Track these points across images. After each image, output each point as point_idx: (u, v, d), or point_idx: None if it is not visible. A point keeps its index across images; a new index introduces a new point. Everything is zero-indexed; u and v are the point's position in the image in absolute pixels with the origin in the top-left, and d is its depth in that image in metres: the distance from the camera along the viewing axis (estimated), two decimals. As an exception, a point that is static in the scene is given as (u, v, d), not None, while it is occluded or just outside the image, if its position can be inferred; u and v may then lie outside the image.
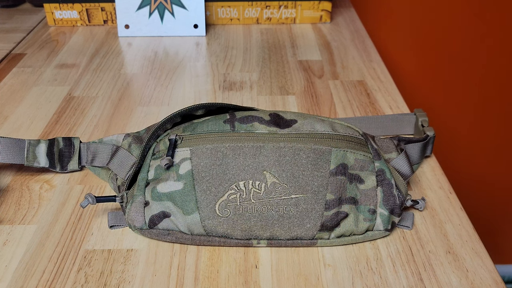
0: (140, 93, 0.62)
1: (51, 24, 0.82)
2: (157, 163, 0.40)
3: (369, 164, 0.40)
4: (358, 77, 0.66)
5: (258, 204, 0.38)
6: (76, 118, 0.57)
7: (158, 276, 0.37)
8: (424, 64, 1.04)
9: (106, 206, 0.44)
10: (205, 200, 0.38)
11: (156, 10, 0.77)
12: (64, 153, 0.47)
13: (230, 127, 0.40)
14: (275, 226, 0.38)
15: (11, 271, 0.38)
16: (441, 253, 0.39)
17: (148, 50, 0.74)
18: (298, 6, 0.81)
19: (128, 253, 0.39)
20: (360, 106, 0.59)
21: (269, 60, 0.71)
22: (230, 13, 0.82)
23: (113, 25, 0.82)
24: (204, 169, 0.39)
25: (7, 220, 0.42)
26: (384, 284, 0.37)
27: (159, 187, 0.39)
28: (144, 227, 0.39)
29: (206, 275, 0.37)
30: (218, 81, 0.65)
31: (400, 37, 1.01)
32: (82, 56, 0.72)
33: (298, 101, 0.60)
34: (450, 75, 1.05)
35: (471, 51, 1.02)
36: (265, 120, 0.41)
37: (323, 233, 0.39)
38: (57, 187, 0.46)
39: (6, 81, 0.65)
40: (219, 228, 0.38)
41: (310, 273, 0.38)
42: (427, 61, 1.04)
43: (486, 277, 0.37)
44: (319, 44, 0.76)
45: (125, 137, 0.46)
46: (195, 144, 0.40)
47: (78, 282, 0.37)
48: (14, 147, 0.45)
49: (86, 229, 0.41)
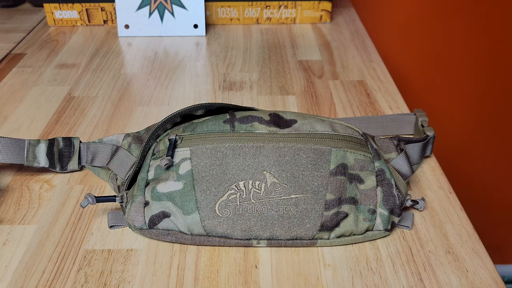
0: (140, 93, 0.62)
1: (51, 24, 0.82)
2: (157, 163, 0.40)
3: (369, 164, 0.40)
4: (358, 77, 0.66)
5: (258, 204, 0.38)
6: (76, 118, 0.57)
7: (158, 276, 0.37)
8: (424, 64, 1.04)
9: (106, 206, 0.44)
10: (205, 200, 0.38)
11: (156, 10, 0.77)
12: (64, 153, 0.47)
13: (230, 127, 0.40)
14: (275, 226, 0.38)
15: (11, 271, 0.38)
16: (441, 253, 0.39)
17: (148, 50, 0.74)
18: (298, 6, 0.81)
19: (128, 253, 0.39)
20: (360, 106, 0.59)
21: (269, 60, 0.71)
22: (230, 13, 0.82)
23: (113, 25, 0.82)
24: (204, 169, 0.39)
25: (7, 220, 0.42)
26: (384, 284, 0.37)
27: (159, 187, 0.39)
28: (144, 227, 0.39)
29: (206, 275, 0.37)
30: (218, 81, 0.65)
31: (400, 37, 1.01)
32: (82, 56, 0.72)
33: (298, 101, 0.60)
34: (450, 75, 1.05)
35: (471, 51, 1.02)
36: (265, 120, 0.41)
37: (323, 233, 0.39)
38: (57, 187, 0.46)
39: (6, 81, 0.65)
40: (219, 228, 0.38)
41: (310, 273, 0.38)
42: (427, 61, 1.04)
43: (486, 277, 0.37)
44: (319, 44, 0.76)
45: (125, 137, 0.46)
46: (195, 144, 0.40)
47: (78, 282, 0.37)
48: (14, 147, 0.45)
49: (86, 229, 0.41)
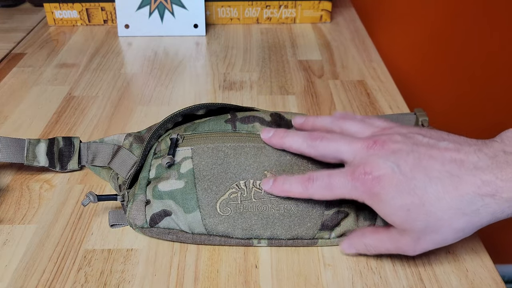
0: (140, 93, 0.62)
1: (51, 24, 0.82)
2: (158, 162, 0.40)
3: (369, 164, 0.40)
4: (358, 77, 0.66)
5: (258, 202, 0.38)
6: (76, 118, 0.57)
7: (158, 276, 0.37)
8: (424, 64, 1.04)
9: (106, 206, 0.44)
10: (206, 199, 0.38)
11: (156, 10, 0.77)
12: (64, 153, 0.47)
13: (232, 127, 0.40)
14: (276, 225, 0.38)
15: (11, 271, 0.38)
16: (441, 253, 0.39)
17: (148, 50, 0.74)
18: (298, 6, 0.82)
19: (128, 252, 0.39)
20: (360, 106, 0.59)
21: (269, 60, 0.71)
22: (230, 13, 0.82)
23: (113, 25, 0.82)
24: (205, 168, 0.39)
25: (7, 220, 0.42)
26: (384, 284, 0.37)
27: (160, 186, 0.39)
28: (145, 225, 0.39)
29: (206, 275, 0.37)
30: (218, 81, 0.65)
31: (400, 37, 1.01)
32: (82, 55, 0.72)
33: (298, 101, 0.60)
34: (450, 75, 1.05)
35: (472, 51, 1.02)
36: (266, 121, 0.41)
37: (324, 232, 0.39)
38: (57, 186, 0.46)
39: (6, 81, 0.65)
40: (220, 226, 0.38)
41: (310, 273, 0.38)
42: (427, 61, 1.04)
43: (486, 277, 0.37)
44: (319, 44, 0.76)
45: (126, 136, 0.46)
46: (197, 143, 0.40)
47: (78, 282, 0.37)
48: (14, 146, 0.45)
49: (86, 229, 0.41)
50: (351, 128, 0.39)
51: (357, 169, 0.34)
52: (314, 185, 0.36)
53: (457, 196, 0.32)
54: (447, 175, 0.33)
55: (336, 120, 0.40)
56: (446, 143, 0.34)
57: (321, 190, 0.36)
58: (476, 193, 0.32)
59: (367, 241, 0.37)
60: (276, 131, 0.39)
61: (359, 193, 0.35)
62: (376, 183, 0.33)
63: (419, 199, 0.33)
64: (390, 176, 0.33)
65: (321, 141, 0.37)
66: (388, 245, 0.36)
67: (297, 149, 0.38)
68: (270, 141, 0.39)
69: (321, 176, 0.36)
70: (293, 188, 0.37)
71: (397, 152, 0.34)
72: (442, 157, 0.33)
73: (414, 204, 0.33)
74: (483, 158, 0.33)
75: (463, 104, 1.08)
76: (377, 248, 0.37)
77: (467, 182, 0.32)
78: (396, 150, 0.34)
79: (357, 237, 0.38)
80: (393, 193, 0.33)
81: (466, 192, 0.32)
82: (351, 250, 0.38)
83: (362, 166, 0.34)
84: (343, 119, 0.40)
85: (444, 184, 0.32)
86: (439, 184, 0.32)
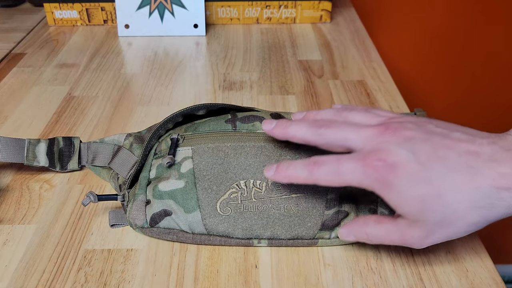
0: (140, 93, 0.62)
1: (51, 24, 0.82)
2: (158, 162, 0.40)
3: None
4: (358, 77, 0.66)
5: (259, 202, 0.38)
6: (76, 118, 0.57)
7: (158, 276, 0.37)
8: (424, 64, 1.04)
9: (106, 206, 0.44)
10: (206, 199, 0.38)
11: (156, 10, 0.77)
12: (64, 153, 0.47)
13: (232, 127, 0.40)
14: (276, 224, 0.38)
15: (11, 271, 0.38)
16: (441, 253, 0.39)
17: (148, 50, 0.74)
18: (298, 6, 0.82)
19: (128, 252, 0.39)
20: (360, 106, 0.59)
21: (269, 60, 0.71)
22: (230, 13, 0.82)
23: (113, 25, 0.82)
24: (206, 168, 0.39)
25: (7, 220, 0.42)
26: (384, 284, 0.37)
27: (161, 186, 0.39)
28: (145, 225, 0.39)
29: (206, 275, 0.37)
30: (218, 81, 0.65)
31: (400, 37, 1.01)
32: (82, 55, 0.72)
33: (298, 101, 0.60)
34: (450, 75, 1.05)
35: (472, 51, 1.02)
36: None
37: (324, 232, 0.39)
38: (57, 186, 0.46)
39: (6, 81, 0.65)
40: (220, 226, 0.38)
41: (310, 273, 0.38)
42: (427, 61, 1.04)
43: (486, 277, 0.37)
44: (319, 44, 0.76)
45: (127, 137, 0.46)
46: (197, 143, 0.40)
47: (78, 282, 0.37)
48: (14, 146, 0.45)
49: (86, 229, 0.41)
50: (356, 117, 0.37)
51: (369, 155, 0.32)
52: (320, 170, 0.34)
53: (473, 189, 0.31)
54: (465, 166, 0.31)
55: (339, 112, 0.38)
56: (459, 134, 0.33)
57: (328, 175, 0.33)
58: (492, 186, 0.31)
59: (369, 231, 0.35)
60: (278, 121, 0.37)
61: (370, 181, 0.32)
62: (390, 170, 0.31)
63: (436, 189, 0.31)
64: (405, 164, 0.31)
65: (326, 128, 0.35)
66: (393, 236, 0.34)
67: (301, 138, 0.36)
68: (273, 132, 0.37)
69: (329, 160, 0.34)
70: (298, 173, 0.34)
71: (411, 140, 0.32)
72: (458, 147, 0.32)
73: (430, 195, 0.31)
74: (498, 150, 0.31)
75: (463, 104, 1.08)
76: (381, 238, 0.35)
77: (484, 174, 0.31)
78: (410, 137, 0.32)
79: (358, 225, 0.36)
80: (407, 182, 0.31)
81: (482, 185, 0.31)
82: (349, 237, 0.36)
83: (374, 152, 0.32)
84: (347, 110, 0.38)
85: (462, 175, 0.31)
86: (457, 175, 0.31)
